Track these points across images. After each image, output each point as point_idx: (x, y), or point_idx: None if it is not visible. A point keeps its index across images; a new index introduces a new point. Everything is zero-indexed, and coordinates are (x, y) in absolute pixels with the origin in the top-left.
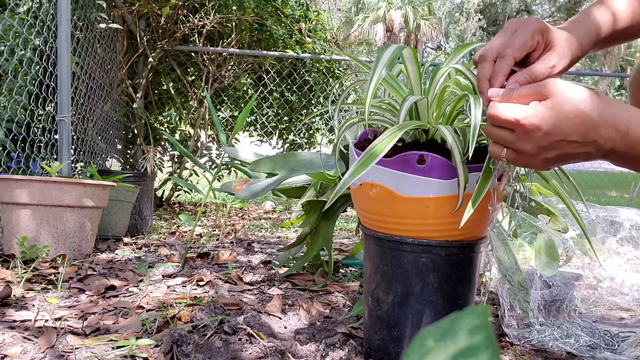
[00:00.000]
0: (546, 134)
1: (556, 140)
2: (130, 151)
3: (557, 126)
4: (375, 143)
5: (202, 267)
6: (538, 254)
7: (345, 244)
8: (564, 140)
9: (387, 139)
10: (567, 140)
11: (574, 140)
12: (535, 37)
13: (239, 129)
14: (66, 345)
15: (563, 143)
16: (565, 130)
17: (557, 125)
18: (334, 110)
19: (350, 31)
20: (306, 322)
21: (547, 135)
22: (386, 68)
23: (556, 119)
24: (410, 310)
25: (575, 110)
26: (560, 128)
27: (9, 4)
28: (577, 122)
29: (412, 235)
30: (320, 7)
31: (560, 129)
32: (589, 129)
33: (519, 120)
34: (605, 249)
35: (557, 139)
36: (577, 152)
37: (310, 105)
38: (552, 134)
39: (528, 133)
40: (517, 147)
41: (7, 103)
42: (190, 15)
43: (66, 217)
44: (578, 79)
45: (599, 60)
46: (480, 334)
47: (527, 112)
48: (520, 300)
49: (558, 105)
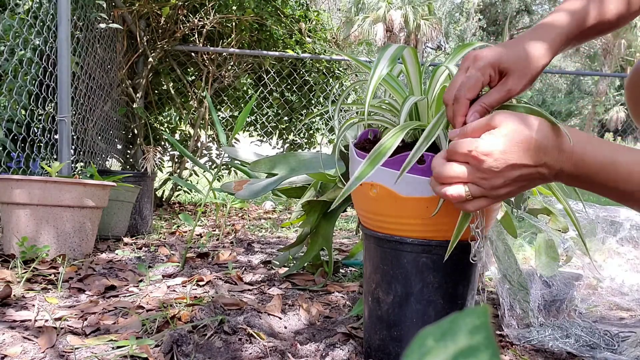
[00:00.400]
0: (497, 159)
1: (509, 165)
2: (130, 151)
3: (507, 151)
4: (382, 143)
5: (202, 267)
6: (538, 254)
7: (345, 244)
8: (516, 164)
9: (391, 139)
10: (519, 164)
11: (525, 164)
12: (486, 73)
13: (239, 129)
14: (66, 345)
15: (516, 166)
16: (515, 154)
17: (507, 151)
18: (334, 110)
19: (350, 31)
20: (306, 322)
21: (499, 160)
22: (387, 67)
23: (504, 145)
24: (410, 310)
25: (522, 136)
26: (511, 152)
27: (9, 4)
28: (524, 146)
29: (412, 235)
30: (320, 7)
31: (510, 153)
32: (537, 151)
33: (471, 150)
34: (605, 249)
35: (510, 163)
36: (531, 174)
37: (310, 105)
38: (503, 158)
39: (480, 161)
40: (474, 178)
41: (7, 103)
42: (190, 15)
43: (66, 217)
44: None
45: (599, 60)
46: (480, 334)
47: (478, 142)
48: (520, 300)
49: (506, 132)
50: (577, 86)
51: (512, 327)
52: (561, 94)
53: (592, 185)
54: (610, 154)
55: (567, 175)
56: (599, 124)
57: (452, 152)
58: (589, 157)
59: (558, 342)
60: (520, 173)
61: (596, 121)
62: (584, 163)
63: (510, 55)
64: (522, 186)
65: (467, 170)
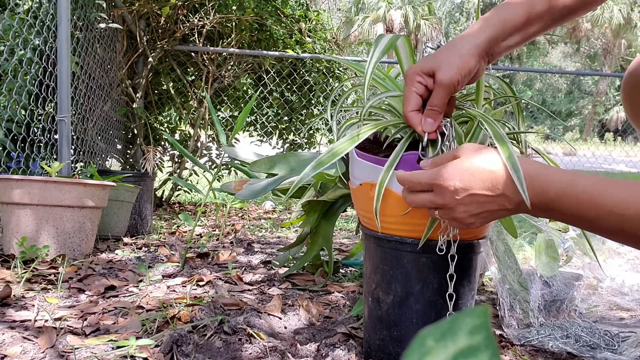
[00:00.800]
0: (457, 189)
1: (469, 194)
2: (130, 151)
3: (466, 181)
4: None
5: (202, 267)
6: (538, 254)
7: (345, 244)
8: (475, 194)
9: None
10: (479, 194)
11: (484, 194)
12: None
13: (239, 129)
14: (66, 345)
15: (476, 197)
16: (474, 184)
17: (466, 180)
18: (333, 111)
19: (350, 31)
20: (306, 322)
21: (459, 190)
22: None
23: (463, 175)
24: (410, 310)
25: (480, 167)
26: (469, 182)
27: (9, 4)
28: (483, 177)
29: (412, 235)
30: (320, 7)
31: (469, 183)
32: (494, 182)
33: (434, 179)
34: (606, 249)
35: (470, 193)
36: (493, 206)
37: (310, 106)
38: (463, 188)
39: (442, 189)
40: (440, 204)
41: (7, 103)
42: (190, 15)
43: (66, 217)
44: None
45: (599, 60)
46: (480, 334)
47: (440, 172)
48: (520, 300)
49: (465, 163)
50: (577, 86)
51: (512, 327)
52: (561, 94)
53: (558, 214)
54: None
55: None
56: (599, 123)
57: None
58: (549, 185)
59: (558, 342)
60: (482, 205)
61: (596, 121)
62: (544, 191)
63: (434, 55)
64: (484, 216)
65: (432, 198)
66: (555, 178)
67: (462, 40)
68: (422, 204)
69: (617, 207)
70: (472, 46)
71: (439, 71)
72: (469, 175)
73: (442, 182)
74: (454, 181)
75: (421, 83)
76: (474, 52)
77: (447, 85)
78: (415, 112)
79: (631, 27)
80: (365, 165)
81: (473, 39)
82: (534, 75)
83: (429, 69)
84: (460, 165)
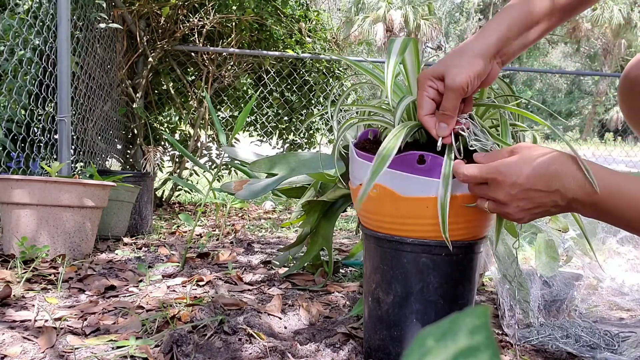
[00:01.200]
0: (514, 183)
1: (524, 189)
2: (130, 151)
3: (523, 176)
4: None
5: (202, 267)
6: (538, 254)
7: (345, 244)
8: (531, 189)
9: (393, 140)
10: (534, 189)
11: (540, 189)
12: (425, 86)
13: (238, 129)
14: (66, 345)
15: (531, 192)
16: (531, 180)
17: (523, 175)
18: (333, 111)
19: (350, 31)
20: (306, 322)
21: (515, 184)
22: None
23: (521, 170)
24: (410, 311)
25: (538, 163)
26: (527, 177)
27: (9, 4)
28: (540, 172)
29: (412, 235)
30: (320, 7)
31: (526, 179)
32: (551, 178)
33: (491, 173)
34: (606, 249)
35: (525, 188)
36: (545, 202)
37: (310, 105)
38: (519, 183)
39: (499, 183)
40: (492, 197)
41: (7, 103)
42: (190, 15)
43: (66, 217)
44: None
45: (599, 60)
46: (480, 334)
47: (497, 167)
48: (520, 300)
49: (523, 159)
50: (578, 86)
51: (512, 327)
52: (561, 94)
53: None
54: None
55: (581, 204)
56: (599, 123)
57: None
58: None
59: (558, 342)
60: (535, 200)
61: (596, 121)
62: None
63: (444, 59)
64: (535, 212)
65: (486, 191)
66: (606, 176)
67: (471, 43)
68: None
69: None
70: (481, 49)
71: (448, 75)
72: (529, 171)
73: (499, 177)
74: (512, 177)
75: (432, 87)
76: (483, 54)
77: (456, 89)
78: (429, 116)
79: (631, 27)
80: (364, 165)
81: (482, 40)
82: (534, 75)
83: (439, 73)
84: (519, 161)
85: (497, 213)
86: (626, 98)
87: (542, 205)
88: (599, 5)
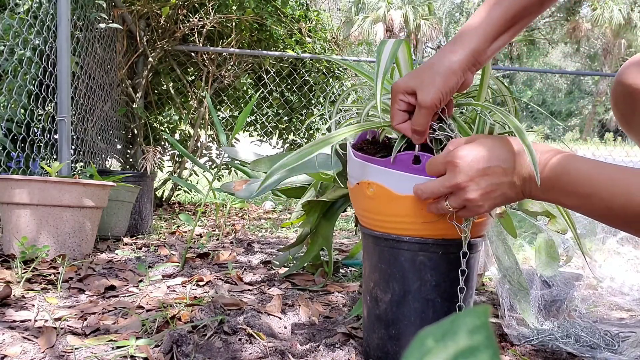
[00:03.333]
0: (470, 163)
1: (481, 168)
2: (130, 151)
3: (480, 156)
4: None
5: (202, 267)
6: (538, 254)
7: (345, 244)
8: (488, 167)
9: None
10: (492, 167)
11: (497, 166)
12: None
13: (239, 129)
14: (66, 345)
15: (488, 170)
16: (487, 158)
17: (480, 155)
18: (333, 111)
19: (350, 31)
20: (306, 322)
21: (472, 164)
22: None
23: (478, 152)
24: (408, 309)
25: (495, 144)
26: (483, 157)
27: (9, 4)
28: (496, 152)
29: (409, 234)
30: (320, 7)
31: (483, 158)
32: (507, 156)
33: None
34: (606, 249)
35: (482, 167)
36: (503, 182)
37: (310, 105)
38: (476, 162)
39: (456, 166)
40: (451, 184)
41: (7, 103)
42: (190, 15)
43: (66, 217)
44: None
45: (599, 60)
46: (480, 334)
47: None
48: (520, 300)
49: (480, 142)
50: (578, 86)
51: (512, 327)
52: (561, 94)
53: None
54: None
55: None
56: (599, 124)
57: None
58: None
59: (558, 342)
60: (493, 180)
61: (596, 121)
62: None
63: (416, 73)
64: (495, 197)
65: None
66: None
67: (445, 56)
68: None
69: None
70: (454, 63)
71: (420, 92)
72: (483, 150)
73: (455, 159)
74: (469, 157)
75: (404, 101)
76: (455, 69)
77: (427, 107)
78: (403, 125)
79: (631, 27)
80: (361, 164)
81: (456, 55)
82: (534, 75)
83: (411, 89)
84: (474, 144)
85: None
86: (619, 103)
87: (500, 187)
88: (599, 5)
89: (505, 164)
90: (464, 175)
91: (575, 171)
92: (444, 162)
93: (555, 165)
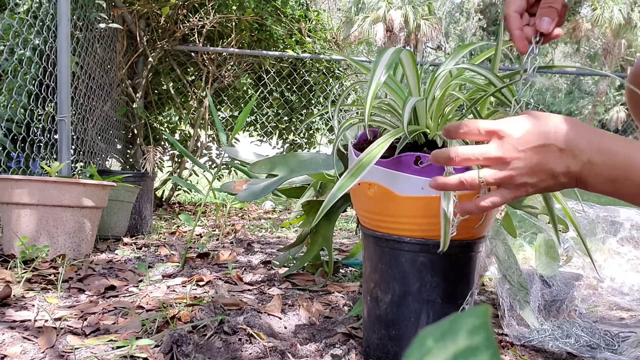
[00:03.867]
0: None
1: (535, 146)
2: (130, 151)
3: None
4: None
5: (202, 267)
6: (538, 254)
7: (345, 244)
8: (543, 145)
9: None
10: (547, 145)
11: (552, 144)
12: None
13: (239, 129)
14: (66, 345)
15: (542, 149)
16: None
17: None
18: (333, 110)
19: (350, 31)
20: (306, 322)
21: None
22: (384, 74)
23: (533, 124)
24: (409, 310)
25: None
26: (539, 131)
27: (9, 4)
28: (553, 129)
29: (410, 235)
30: (320, 7)
31: (539, 132)
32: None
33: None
34: (606, 249)
35: (537, 145)
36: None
37: (310, 105)
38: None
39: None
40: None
41: (6, 103)
42: (190, 15)
43: (66, 217)
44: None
45: (599, 60)
46: (480, 334)
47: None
48: (520, 300)
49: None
50: (578, 86)
51: (512, 327)
52: (561, 94)
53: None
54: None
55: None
56: (599, 123)
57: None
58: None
59: (558, 342)
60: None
61: (596, 121)
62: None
63: None
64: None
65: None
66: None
67: None
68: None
69: None
70: None
71: None
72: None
73: (504, 128)
74: (521, 129)
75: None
76: None
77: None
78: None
79: (631, 27)
80: None
81: None
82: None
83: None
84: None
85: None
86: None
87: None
88: (599, 5)
89: (565, 143)
90: (511, 148)
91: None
92: (486, 129)
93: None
